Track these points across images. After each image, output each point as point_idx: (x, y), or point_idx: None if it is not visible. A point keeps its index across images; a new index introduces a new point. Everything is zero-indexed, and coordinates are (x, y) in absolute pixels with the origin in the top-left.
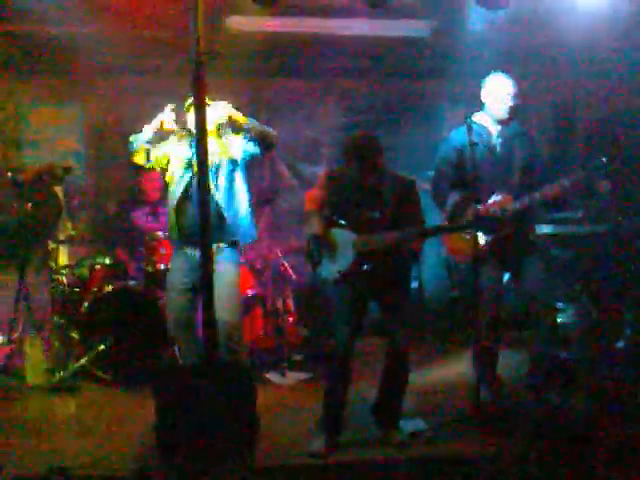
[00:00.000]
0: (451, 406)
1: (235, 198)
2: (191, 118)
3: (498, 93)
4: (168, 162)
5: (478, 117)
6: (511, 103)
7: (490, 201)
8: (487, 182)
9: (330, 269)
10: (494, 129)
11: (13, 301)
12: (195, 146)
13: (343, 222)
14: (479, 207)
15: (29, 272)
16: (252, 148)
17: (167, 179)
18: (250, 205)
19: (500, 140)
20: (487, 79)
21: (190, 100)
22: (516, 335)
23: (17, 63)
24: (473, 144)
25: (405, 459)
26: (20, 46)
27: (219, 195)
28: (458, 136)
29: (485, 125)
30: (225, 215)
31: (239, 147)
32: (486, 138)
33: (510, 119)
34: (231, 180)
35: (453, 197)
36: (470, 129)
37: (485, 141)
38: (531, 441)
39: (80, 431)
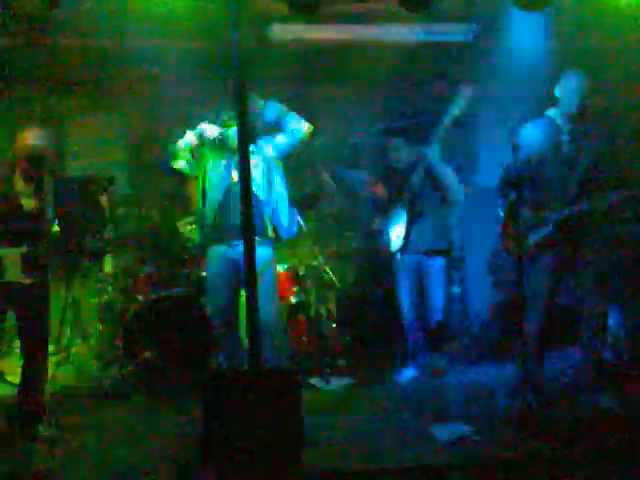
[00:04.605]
0: (496, 410)
1: (273, 194)
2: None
3: (571, 90)
4: (205, 171)
5: (549, 113)
6: (583, 100)
7: None
8: (550, 181)
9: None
10: (564, 126)
11: (61, 310)
12: (238, 149)
13: None
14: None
15: (75, 281)
16: (283, 140)
17: (206, 186)
18: (290, 204)
19: (568, 138)
20: (562, 75)
21: (226, 115)
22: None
23: (60, 75)
24: (541, 142)
25: (450, 463)
26: (63, 58)
27: (258, 191)
28: (528, 132)
29: (555, 121)
30: (264, 210)
31: (274, 145)
32: (554, 135)
33: (582, 117)
34: (269, 177)
35: (512, 196)
36: (541, 125)
37: (552, 138)
38: (577, 445)
39: (127, 438)
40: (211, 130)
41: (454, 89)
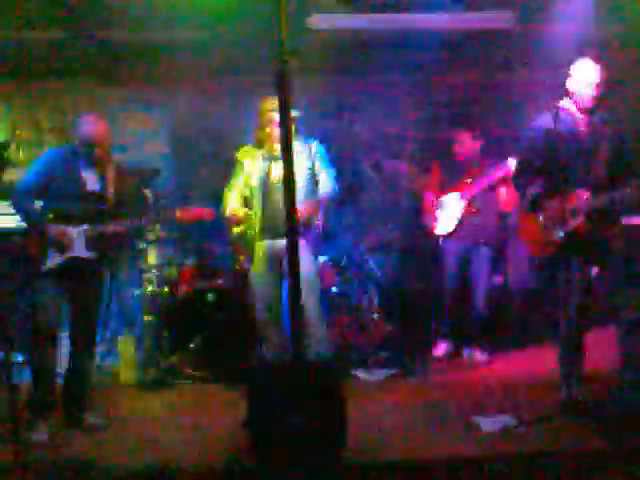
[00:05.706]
0: (539, 402)
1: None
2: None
3: (583, 80)
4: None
5: (563, 104)
6: (596, 91)
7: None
8: (571, 172)
9: None
10: (579, 117)
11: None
12: (280, 138)
13: None
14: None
15: (120, 272)
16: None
17: (247, 194)
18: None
19: (586, 129)
20: (573, 66)
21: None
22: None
23: (105, 68)
24: (559, 132)
25: (494, 455)
26: (108, 52)
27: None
28: (543, 123)
29: (571, 112)
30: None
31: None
32: (571, 126)
33: (595, 108)
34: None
35: (534, 187)
36: (557, 116)
37: (570, 129)
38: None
39: (172, 428)
40: None
41: None
